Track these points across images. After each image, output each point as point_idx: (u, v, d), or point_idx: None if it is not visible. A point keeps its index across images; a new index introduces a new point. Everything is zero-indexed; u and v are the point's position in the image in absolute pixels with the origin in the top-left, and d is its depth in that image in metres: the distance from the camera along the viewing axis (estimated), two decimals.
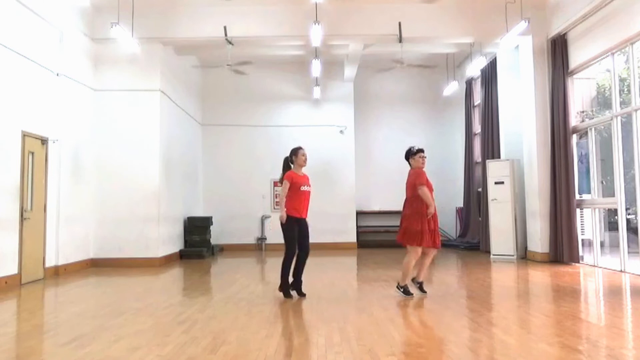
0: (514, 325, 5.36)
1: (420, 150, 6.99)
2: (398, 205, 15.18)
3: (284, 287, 6.81)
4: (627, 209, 9.55)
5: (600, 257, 9.85)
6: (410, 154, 6.95)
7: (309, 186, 6.93)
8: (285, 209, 6.73)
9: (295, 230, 6.74)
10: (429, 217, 6.59)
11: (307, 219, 6.95)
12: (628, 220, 9.85)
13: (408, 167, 6.96)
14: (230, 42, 11.13)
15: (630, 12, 8.51)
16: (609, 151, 9.72)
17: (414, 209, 6.65)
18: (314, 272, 9.50)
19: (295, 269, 6.85)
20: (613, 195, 9.25)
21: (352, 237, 15.19)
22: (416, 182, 6.68)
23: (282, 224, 6.75)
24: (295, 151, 7.03)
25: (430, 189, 6.72)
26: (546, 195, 10.78)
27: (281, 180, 6.92)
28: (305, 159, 6.99)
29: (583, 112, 11.37)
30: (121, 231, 10.99)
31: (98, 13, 10.87)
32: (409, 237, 6.63)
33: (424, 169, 6.88)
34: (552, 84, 10.74)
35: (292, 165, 7.01)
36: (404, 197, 6.87)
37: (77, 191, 10.46)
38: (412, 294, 6.71)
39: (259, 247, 15.22)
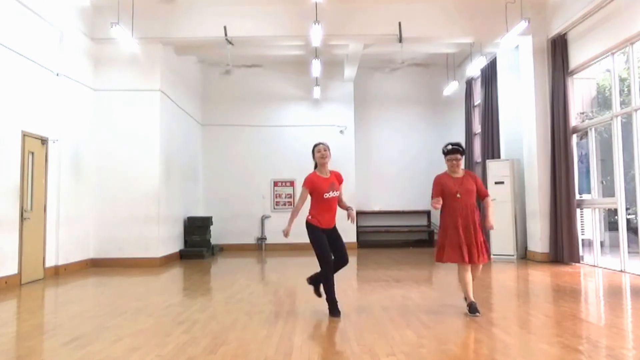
0: (514, 325, 5.36)
1: (450, 152, 5.87)
2: (398, 205, 15.55)
3: (331, 306, 5.73)
4: (627, 209, 9.55)
5: (600, 257, 9.85)
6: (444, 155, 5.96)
7: (335, 190, 5.71)
8: (292, 221, 5.70)
9: (324, 238, 5.70)
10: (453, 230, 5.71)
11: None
12: (628, 220, 9.85)
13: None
14: (230, 42, 11.13)
15: (630, 12, 8.51)
16: (609, 151, 9.72)
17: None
18: (313, 272, 9.49)
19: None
20: (613, 195, 9.25)
21: (352, 237, 15.15)
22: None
23: (308, 234, 5.70)
24: (313, 148, 5.89)
25: (446, 196, 5.75)
26: (546, 195, 10.78)
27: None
28: (322, 155, 5.75)
29: (583, 113, 11.37)
30: (121, 231, 10.99)
31: (98, 13, 10.87)
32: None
33: (449, 173, 5.89)
34: (552, 84, 10.74)
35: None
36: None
37: (77, 191, 10.46)
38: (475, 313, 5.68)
39: (259, 247, 15.21)
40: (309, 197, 5.77)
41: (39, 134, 9.21)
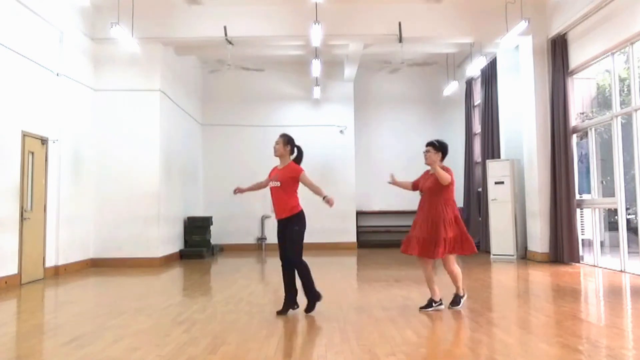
0: (514, 325, 5.36)
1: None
2: (398, 205, 15.52)
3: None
4: (627, 209, 9.55)
5: (600, 257, 9.84)
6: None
7: (276, 181, 6.08)
8: (249, 189, 6.64)
9: (279, 231, 6.05)
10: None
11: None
12: (628, 220, 9.85)
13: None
14: (230, 42, 11.12)
15: (630, 12, 8.50)
16: (609, 151, 9.72)
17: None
18: (314, 272, 9.48)
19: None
20: (613, 195, 9.25)
21: (352, 237, 15.17)
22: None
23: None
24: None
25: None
26: (546, 195, 10.78)
27: None
28: (274, 149, 6.33)
29: (583, 113, 11.37)
30: (121, 231, 10.98)
31: (98, 13, 10.87)
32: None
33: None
34: (552, 84, 10.73)
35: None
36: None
37: (77, 191, 10.45)
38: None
39: (259, 247, 15.21)
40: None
41: (39, 134, 9.21)
